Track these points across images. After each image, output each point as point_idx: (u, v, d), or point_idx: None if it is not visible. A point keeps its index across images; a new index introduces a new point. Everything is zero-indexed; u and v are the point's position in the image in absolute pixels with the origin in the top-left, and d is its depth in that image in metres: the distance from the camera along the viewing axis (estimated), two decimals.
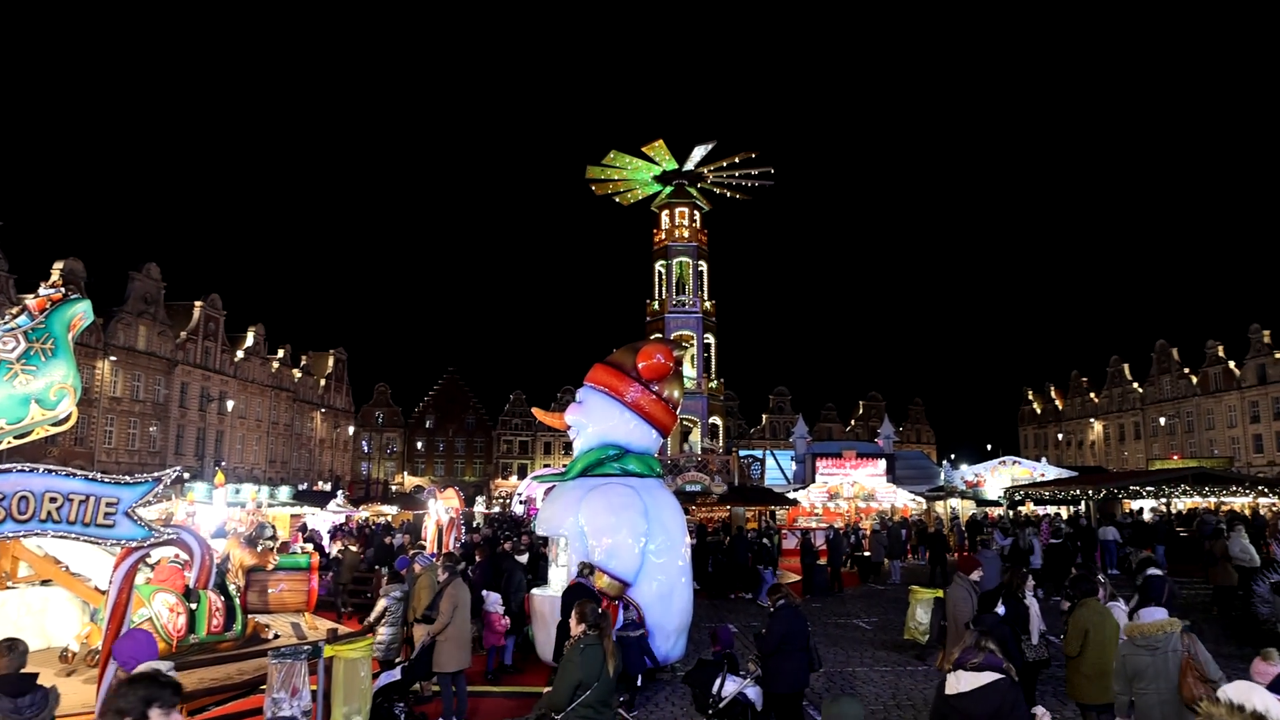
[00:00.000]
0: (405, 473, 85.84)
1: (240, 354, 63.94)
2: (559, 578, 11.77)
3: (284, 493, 29.04)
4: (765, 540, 21.89)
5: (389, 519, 29.83)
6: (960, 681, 4.67)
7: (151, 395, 53.85)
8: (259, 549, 14.73)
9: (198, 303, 58.81)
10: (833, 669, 11.66)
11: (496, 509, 52.43)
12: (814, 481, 35.16)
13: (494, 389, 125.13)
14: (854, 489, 34.69)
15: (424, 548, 15.89)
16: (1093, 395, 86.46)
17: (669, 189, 37.80)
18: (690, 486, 26.50)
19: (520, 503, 41.13)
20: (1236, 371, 69.61)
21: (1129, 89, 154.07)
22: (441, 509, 17.39)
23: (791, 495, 33.32)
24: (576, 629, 5.74)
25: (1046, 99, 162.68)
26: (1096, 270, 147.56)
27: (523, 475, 75.10)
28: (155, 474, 8.22)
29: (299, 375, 72.92)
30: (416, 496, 34.49)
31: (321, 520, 26.81)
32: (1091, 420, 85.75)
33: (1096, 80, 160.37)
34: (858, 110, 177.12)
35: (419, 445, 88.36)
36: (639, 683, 9.75)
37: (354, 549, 18.30)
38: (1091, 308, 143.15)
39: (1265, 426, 66.90)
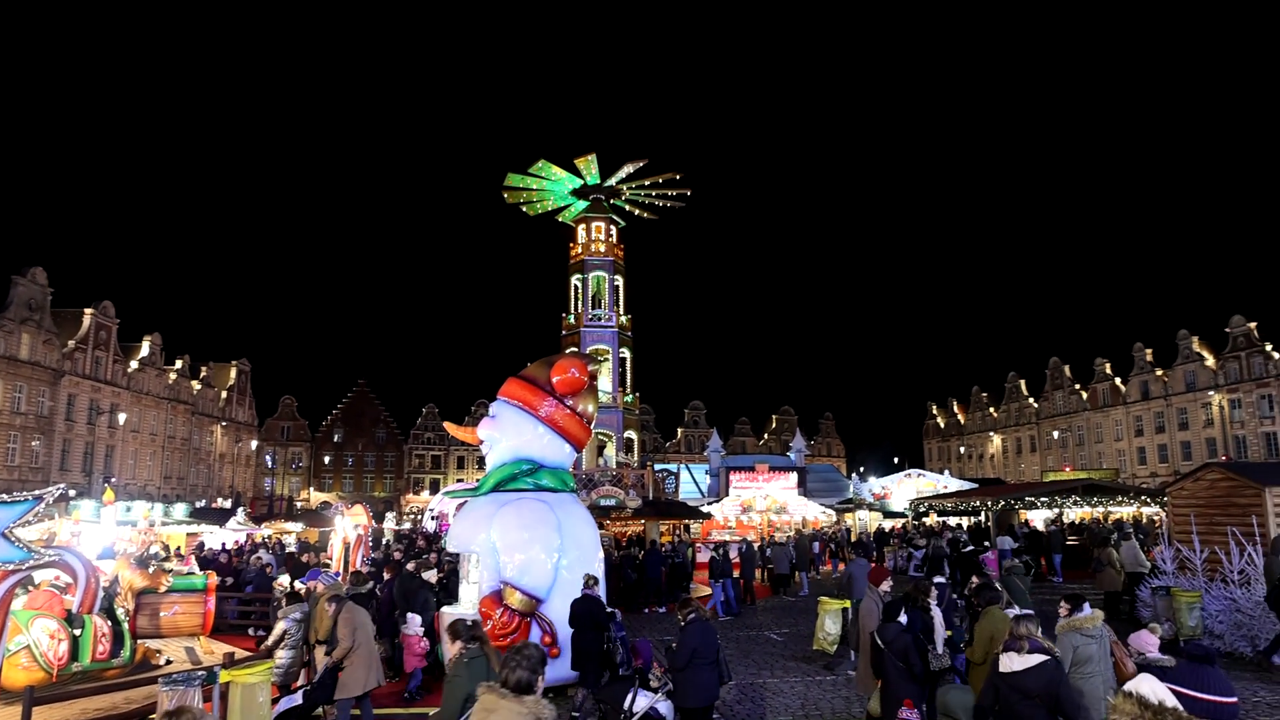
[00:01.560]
0: (312, 488, 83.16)
1: (134, 365, 60.93)
2: (470, 595, 11.55)
3: (180, 510, 27.74)
4: (675, 557, 21.98)
5: (295, 536, 28.79)
6: (1013, 662, 5.44)
7: (35, 408, 50.78)
8: (150, 570, 14.00)
9: (88, 310, 55.81)
10: (744, 681, 11.77)
11: (407, 525, 51.26)
12: (728, 495, 35.56)
13: (406, 402, 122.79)
14: (766, 502, 35.23)
15: (328, 566, 15.42)
16: (992, 410, 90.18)
17: (585, 203, 37.83)
18: (605, 501, 26.43)
19: (432, 518, 40.31)
20: (1122, 388, 73.70)
21: (1026, 124, 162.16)
22: (349, 526, 16.90)
23: (706, 509, 33.60)
24: (453, 647, 5.77)
25: (947, 123, 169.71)
26: (996, 289, 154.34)
27: (435, 490, 73.66)
28: (36, 492, 7.74)
29: (198, 387, 69.94)
30: (323, 513, 33.43)
31: (219, 539, 25.71)
32: (991, 434, 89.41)
33: (993, 112, 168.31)
34: (769, 130, 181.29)
35: (326, 460, 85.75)
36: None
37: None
38: (992, 326, 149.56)
39: (1148, 440, 70.95)
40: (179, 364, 67.67)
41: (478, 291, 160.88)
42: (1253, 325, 63.18)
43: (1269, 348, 61.73)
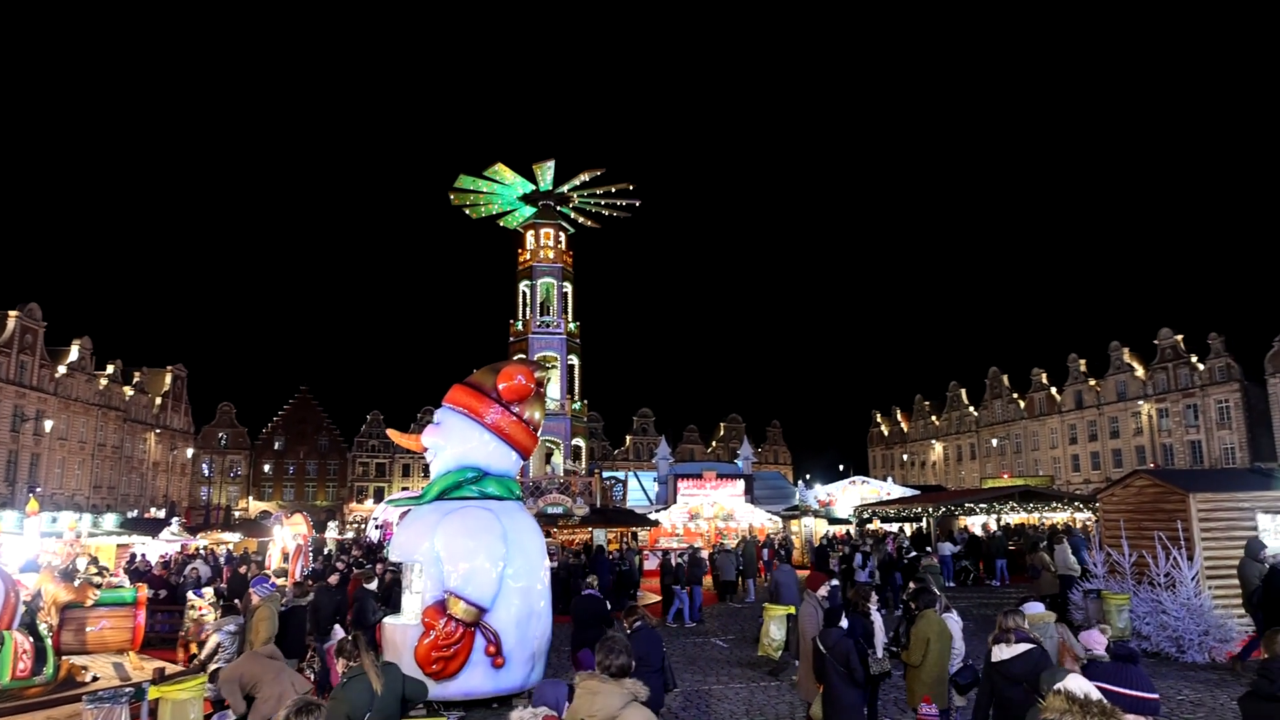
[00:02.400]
0: (251, 497, 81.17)
1: (62, 369, 58.81)
2: (413, 605, 11.36)
3: (110, 521, 26.81)
4: (622, 565, 21.96)
5: (230, 547, 28.02)
6: (1003, 651, 6.08)
7: None
8: (76, 583, 13.50)
9: (12, 312, 53.74)
10: (689, 688, 11.79)
11: (350, 534, 50.36)
12: (675, 502, 35.67)
13: (349, 409, 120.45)
14: (714, 509, 35.41)
15: (268, 576, 15.05)
16: (934, 418, 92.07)
17: (531, 209, 37.73)
18: (552, 509, 26.31)
19: (376, 527, 39.69)
20: (1058, 397, 75.89)
21: (965, 140, 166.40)
22: (288, 535, 16.55)
23: (653, 516, 33.65)
24: (341, 664, 5.77)
25: (888, 139, 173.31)
26: (939, 300, 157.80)
27: (379, 499, 72.55)
28: None
29: (131, 393, 67.79)
30: (262, 523, 32.64)
31: (154, 550, 24.90)
32: (933, 441, 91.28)
33: (933, 127, 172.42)
34: (716, 140, 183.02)
35: (266, 468, 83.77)
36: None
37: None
38: (935, 336, 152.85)
39: (1081, 447, 73.15)
40: (110, 369, 65.55)
41: (424, 297, 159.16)
42: (1179, 338, 65.64)
43: (1194, 359, 64.19)
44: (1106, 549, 15.17)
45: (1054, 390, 76.34)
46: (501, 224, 38.52)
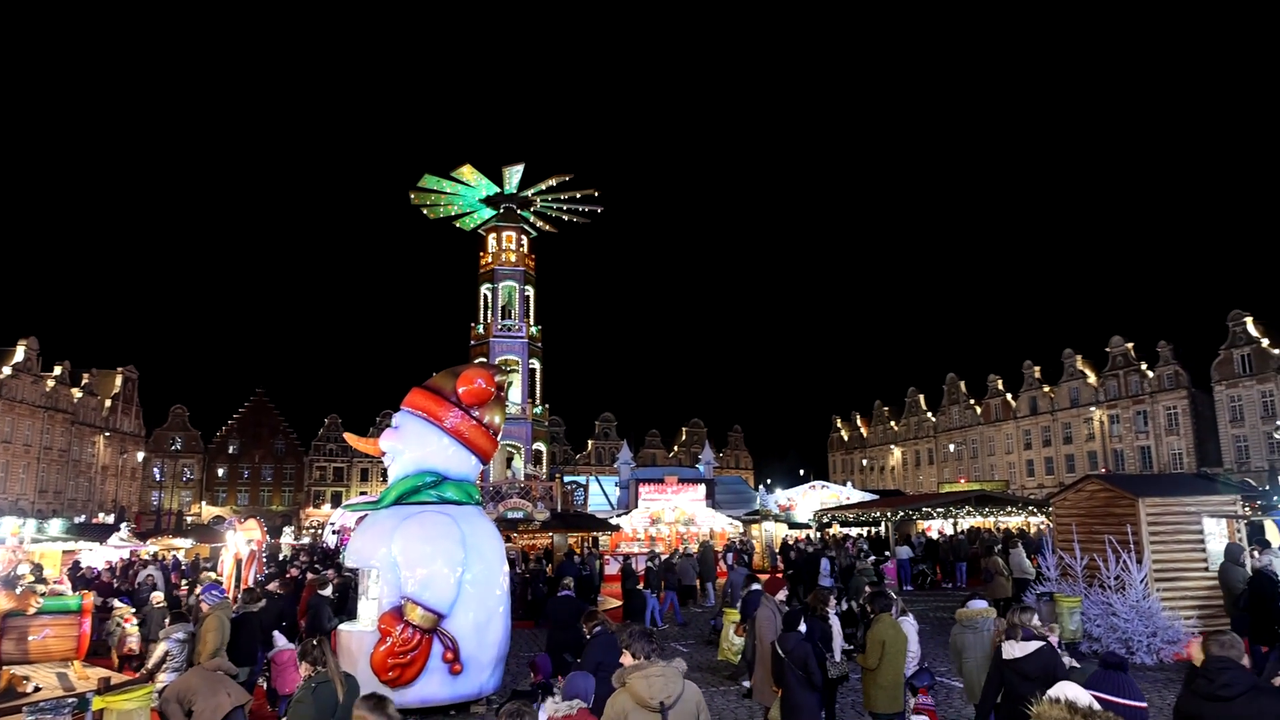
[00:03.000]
0: (204, 502, 79.54)
1: (7, 370, 57.16)
2: (369, 612, 11.19)
3: (56, 526, 26.00)
4: (583, 570, 21.86)
5: (181, 553, 27.39)
6: (1013, 649, 6.17)
7: None
8: (18, 590, 13.07)
9: None
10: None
11: (306, 540, 49.57)
12: (637, 507, 35.63)
13: (307, 412, 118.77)
14: (675, 513, 35.41)
15: (220, 582, 14.73)
16: (893, 423, 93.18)
17: (491, 212, 37.52)
18: (512, 513, 26.12)
19: (333, 533, 39.11)
20: (1013, 403, 77.27)
21: (925, 146, 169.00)
22: (241, 541, 16.21)
23: (615, 521, 33.57)
24: (302, 669, 5.69)
25: (848, 145, 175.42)
26: (899, 307, 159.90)
27: (337, 503, 71.54)
28: None
29: (79, 395, 66.07)
30: (214, 528, 31.96)
31: (99, 556, 24.26)
32: (892, 446, 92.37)
33: (893, 132, 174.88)
34: (679, 144, 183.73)
35: (220, 472, 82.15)
36: None
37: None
38: (894, 342, 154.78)
39: (1036, 453, 74.55)
40: (58, 370, 63.85)
41: (383, 299, 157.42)
42: (1130, 345, 67.24)
43: (1144, 367, 65.79)
44: (1059, 553, 15.45)
45: (1009, 396, 77.70)
46: (458, 225, 38.17)
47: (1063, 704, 3.56)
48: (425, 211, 37.17)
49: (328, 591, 12.61)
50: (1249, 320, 58.91)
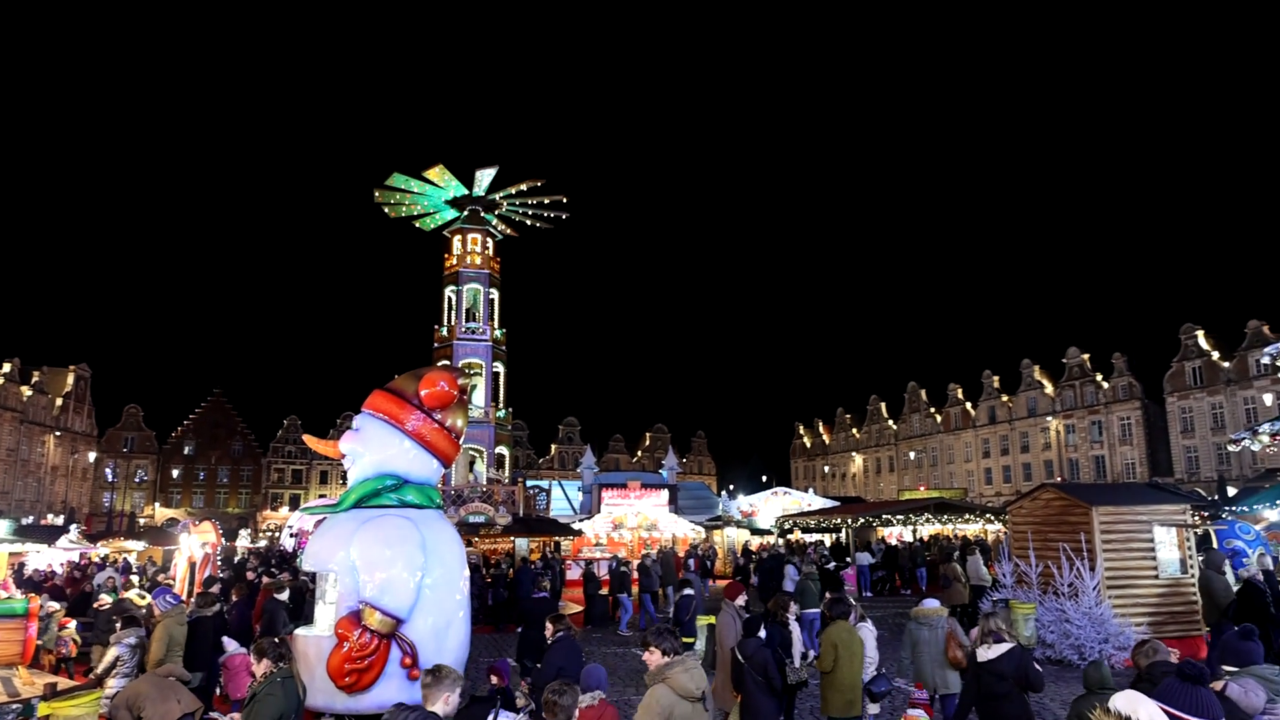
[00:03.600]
0: (157, 504, 77.84)
1: None
2: (327, 616, 11.02)
3: (2, 527, 25.27)
4: (546, 574, 21.76)
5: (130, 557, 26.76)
6: (989, 652, 6.64)
7: None
8: None
9: None
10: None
11: (263, 543, 48.77)
12: (600, 512, 35.56)
13: (265, 413, 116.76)
14: (638, 519, 35.40)
15: (172, 585, 14.43)
16: (855, 431, 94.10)
17: (455, 213, 37.26)
18: (474, 518, 25.93)
19: (291, 536, 38.50)
20: (972, 412, 78.45)
21: (887, 157, 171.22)
22: (195, 544, 15.90)
23: (577, 526, 33.47)
24: (260, 667, 5.63)
25: (809, 154, 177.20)
26: (861, 315, 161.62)
27: (295, 506, 70.46)
28: None
29: (29, 393, 64.39)
30: (168, 530, 31.30)
31: (46, 559, 23.60)
32: (854, 454, 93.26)
33: (855, 141, 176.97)
34: (643, 150, 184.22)
35: (175, 474, 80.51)
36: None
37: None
38: (857, 350, 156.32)
39: (994, 461, 75.75)
40: (7, 367, 62.20)
41: (346, 299, 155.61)
42: (1086, 357, 68.66)
43: (1099, 378, 67.21)
44: (1015, 560, 15.69)
45: (969, 405, 78.88)
46: (417, 225, 37.76)
47: (1117, 716, 3.36)
48: (387, 210, 36.75)
49: (284, 596, 12.40)
50: (1200, 334, 60.46)
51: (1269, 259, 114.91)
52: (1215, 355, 59.20)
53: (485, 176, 35.40)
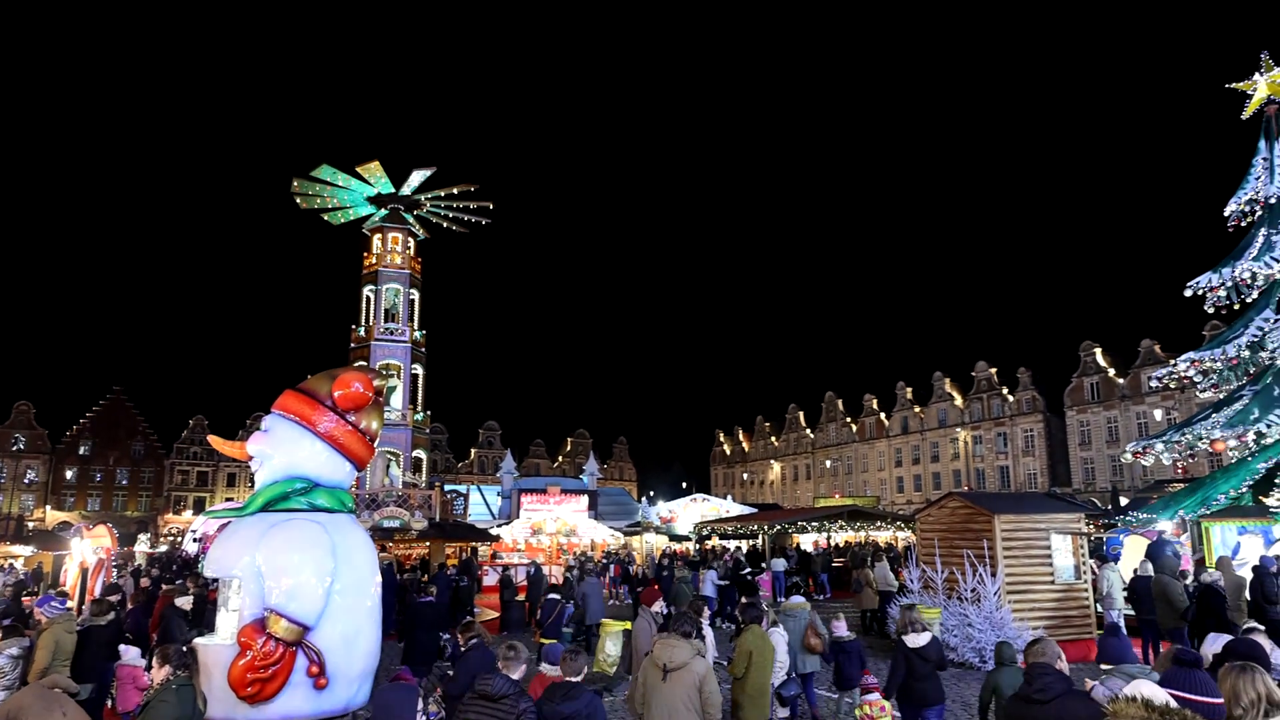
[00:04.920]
0: (49, 507, 73.81)
1: None
2: (228, 624, 10.62)
3: None
4: (461, 580, 21.44)
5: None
6: (917, 640, 7.94)
7: None
8: None
9: None
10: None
11: (164, 548, 46.74)
12: (519, 517, 35.26)
13: (170, 412, 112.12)
14: (557, 524, 35.23)
15: (65, 594, 13.69)
16: (774, 439, 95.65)
17: (374, 210, 36.53)
18: (388, 522, 25.38)
19: (194, 540, 37.01)
20: (886, 422, 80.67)
21: (807, 166, 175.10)
22: (88, 549, 15.14)
23: (495, 531, 33.13)
24: (160, 673, 5.48)
25: (733, 167, 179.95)
26: (781, 324, 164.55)
27: (200, 510, 67.85)
28: None
29: None
30: (59, 535, 29.70)
31: None
32: (772, 461, 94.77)
33: (779, 149, 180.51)
34: (565, 155, 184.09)
35: (69, 475, 76.48)
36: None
37: None
38: (776, 359, 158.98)
39: (906, 470, 78.03)
40: None
41: (259, 295, 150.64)
42: (993, 370, 71.41)
43: (1005, 391, 69.98)
44: (922, 566, 16.19)
45: (883, 415, 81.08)
46: (325, 218, 36.81)
47: (1139, 702, 3.44)
48: (299, 200, 35.69)
49: (187, 602, 11.92)
50: (1098, 351, 63.58)
51: (1161, 282, 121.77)
52: (1111, 372, 62.32)
53: (419, 177, 34.85)
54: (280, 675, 9.62)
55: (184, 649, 5.53)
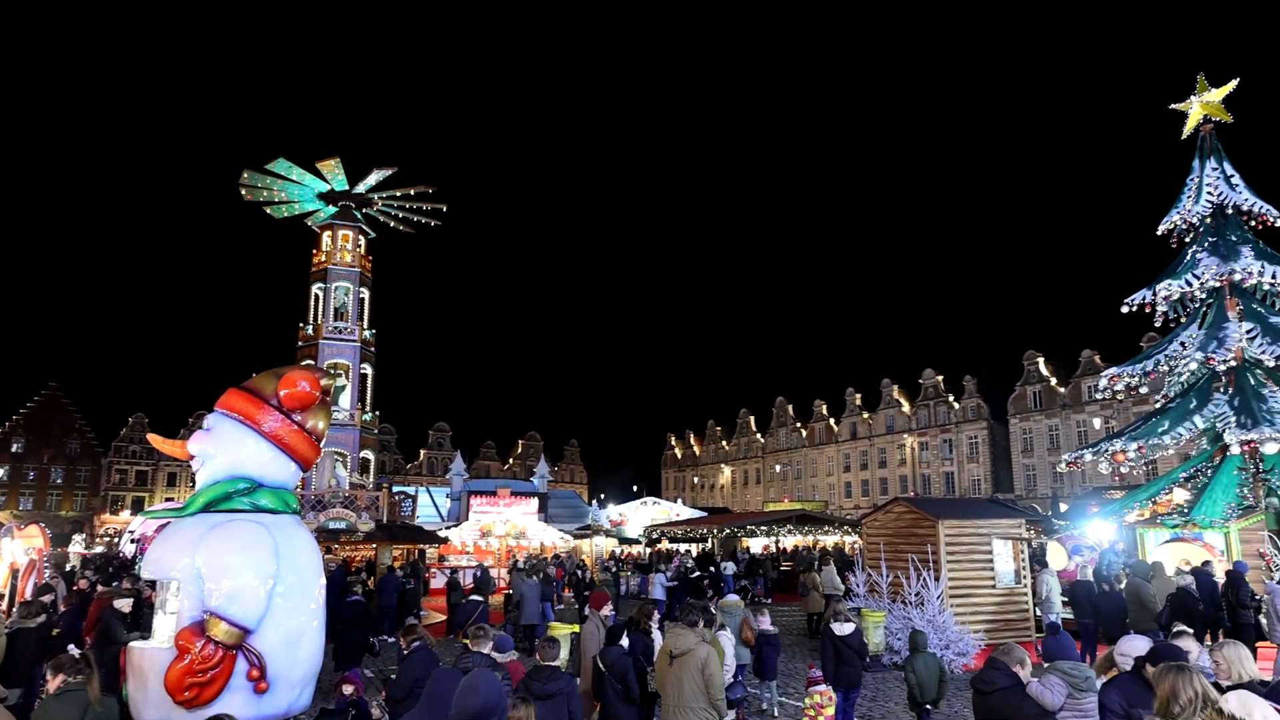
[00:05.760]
0: None
1: None
2: (166, 627, 10.36)
3: None
4: (408, 583, 21.21)
5: None
6: (843, 629, 9.37)
7: None
8: None
9: None
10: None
11: (100, 548, 45.34)
12: (468, 519, 34.95)
13: (108, 410, 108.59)
14: (507, 527, 35.01)
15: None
16: (725, 443, 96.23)
17: (320, 206, 35.93)
18: (334, 524, 24.92)
19: (132, 541, 35.94)
20: (835, 428, 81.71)
21: (762, 170, 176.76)
22: (19, 549, 14.64)
23: (444, 533, 32.79)
24: (54, 682, 5.32)
25: (684, 163, 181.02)
26: (732, 330, 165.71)
27: (138, 510, 65.94)
28: None
29: None
30: None
31: None
32: (723, 465, 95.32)
33: (726, 154, 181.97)
34: (519, 156, 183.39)
35: (0, 473, 73.81)
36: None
37: None
38: (728, 364, 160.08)
39: (854, 475, 79.10)
40: None
41: (203, 291, 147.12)
42: (940, 378, 72.79)
43: (951, 399, 71.38)
44: (868, 570, 16.44)
45: (833, 421, 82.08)
46: (268, 210, 36.06)
47: (1226, 716, 3.45)
48: (244, 192, 34.90)
49: (126, 605, 11.58)
50: (1041, 361, 65.21)
51: (1104, 294, 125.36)
52: (1053, 381, 63.97)
53: (378, 176, 34.37)
54: (219, 679, 9.43)
55: (79, 655, 5.36)
